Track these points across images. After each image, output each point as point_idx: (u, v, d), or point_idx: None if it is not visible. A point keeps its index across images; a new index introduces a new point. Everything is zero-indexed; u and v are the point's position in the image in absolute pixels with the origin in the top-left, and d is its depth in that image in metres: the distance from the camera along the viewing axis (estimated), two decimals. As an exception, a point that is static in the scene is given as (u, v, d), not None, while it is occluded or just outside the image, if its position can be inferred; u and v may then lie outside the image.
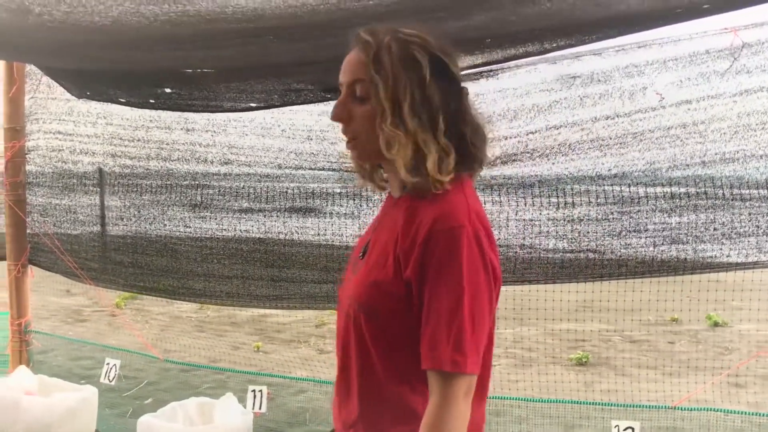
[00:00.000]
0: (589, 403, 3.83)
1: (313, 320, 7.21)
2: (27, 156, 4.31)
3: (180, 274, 3.76)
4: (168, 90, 3.41)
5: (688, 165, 2.95)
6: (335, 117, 1.40)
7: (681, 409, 3.02)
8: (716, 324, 7.44)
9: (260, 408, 3.67)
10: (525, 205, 3.08)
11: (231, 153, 3.49)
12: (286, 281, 3.51)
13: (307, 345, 6.40)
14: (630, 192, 2.99)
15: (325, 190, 3.38)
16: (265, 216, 3.49)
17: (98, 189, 4.05)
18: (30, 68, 4.26)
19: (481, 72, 3.08)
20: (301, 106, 3.29)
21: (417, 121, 1.33)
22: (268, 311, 7.34)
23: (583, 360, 5.89)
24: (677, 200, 2.96)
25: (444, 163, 1.33)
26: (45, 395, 3.53)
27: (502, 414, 4.40)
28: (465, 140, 1.37)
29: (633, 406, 3.17)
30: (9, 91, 4.22)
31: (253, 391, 3.70)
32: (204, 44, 2.50)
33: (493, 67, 3.06)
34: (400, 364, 1.37)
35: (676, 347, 6.58)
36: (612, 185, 3.00)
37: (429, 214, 1.32)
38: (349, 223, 3.34)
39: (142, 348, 4.86)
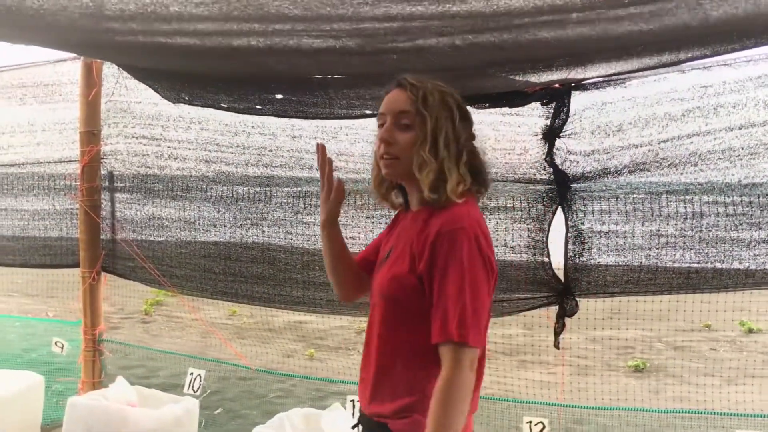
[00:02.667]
0: (719, 414, 3.82)
1: (352, 327, 7.15)
2: (103, 160, 4.23)
3: (277, 281, 3.69)
4: (279, 96, 3.35)
5: (819, 175, 2.96)
6: (386, 138, 1.73)
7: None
8: (750, 330, 7.51)
9: (361, 418, 3.60)
10: (651, 215, 3.07)
11: (339, 160, 3.43)
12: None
13: (357, 353, 6.33)
14: (759, 202, 2.99)
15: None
16: (373, 223, 3.43)
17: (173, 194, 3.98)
18: (107, 71, 4.18)
19: (608, 80, 3.07)
20: (420, 114, 3.23)
21: (446, 152, 1.70)
22: (304, 317, 7.26)
23: (641, 367, 5.90)
24: (808, 211, 2.97)
25: (460, 187, 1.70)
26: (144, 406, 3.45)
27: (586, 422, 4.39)
28: (478, 171, 1.77)
29: (757, 416, 3.16)
30: (88, 93, 4.14)
31: (352, 401, 3.64)
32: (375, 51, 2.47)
33: (620, 75, 3.05)
34: (413, 343, 1.68)
35: (720, 354, 6.62)
36: (741, 196, 2.99)
37: (438, 221, 1.67)
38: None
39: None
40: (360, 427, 1.87)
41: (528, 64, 2.89)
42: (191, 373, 4.05)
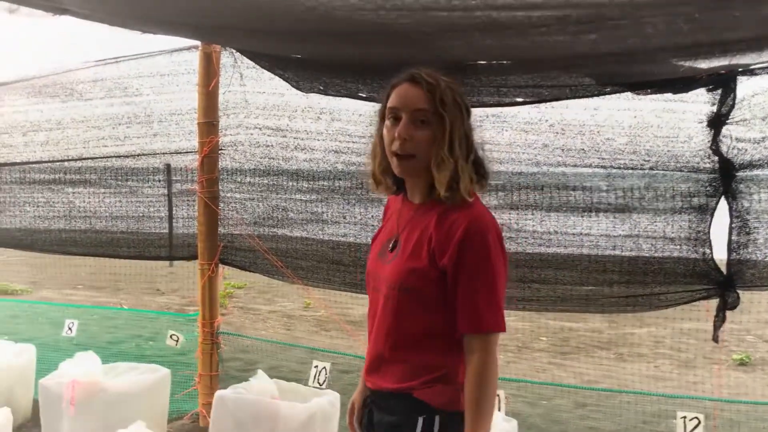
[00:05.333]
0: None
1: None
2: (221, 152, 4.19)
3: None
4: (425, 84, 3.27)
5: None
6: (403, 135, 1.74)
7: None
8: (837, 322, 7.32)
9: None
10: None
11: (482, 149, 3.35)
12: (537, 282, 3.38)
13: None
14: None
15: (589, 187, 3.26)
16: (518, 214, 3.36)
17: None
18: (224, 60, 4.13)
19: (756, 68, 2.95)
20: (575, 101, 3.15)
21: (460, 151, 1.74)
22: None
23: (745, 360, 5.78)
24: None
25: (471, 185, 1.76)
26: (284, 400, 3.41)
27: (711, 417, 4.28)
28: (482, 167, 1.81)
29: None
30: (208, 83, 4.10)
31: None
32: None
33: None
34: (432, 327, 1.76)
35: (813, 346, 6.47)
36: None
37: (462, 218, 1.72)
38: (618, 222, 3.22)
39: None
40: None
41: (704, 48, 2.79)
42: (316, 366, 4.02)
